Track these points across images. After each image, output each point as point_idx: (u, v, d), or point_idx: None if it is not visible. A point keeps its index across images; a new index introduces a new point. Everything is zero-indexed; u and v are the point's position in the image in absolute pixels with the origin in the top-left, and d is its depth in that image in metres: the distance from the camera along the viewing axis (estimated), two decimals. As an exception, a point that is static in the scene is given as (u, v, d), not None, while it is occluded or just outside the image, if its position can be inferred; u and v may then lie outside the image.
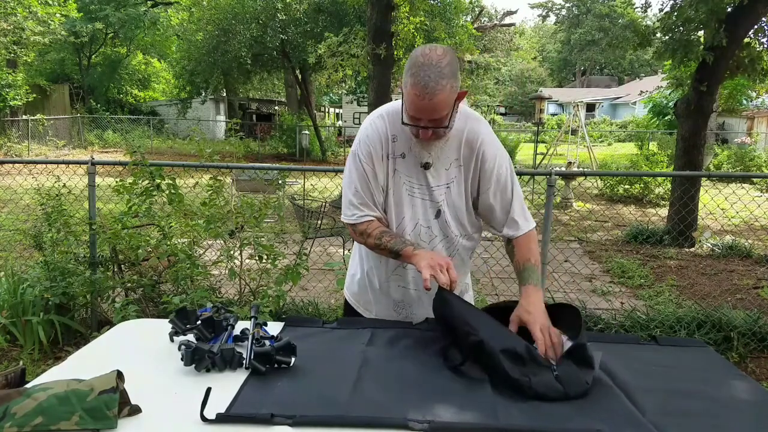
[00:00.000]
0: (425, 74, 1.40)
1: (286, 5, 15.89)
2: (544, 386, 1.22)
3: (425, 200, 1.63)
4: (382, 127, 1.62)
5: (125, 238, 3.39)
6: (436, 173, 1.61)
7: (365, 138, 1.63)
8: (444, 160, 1.61)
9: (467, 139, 1.60)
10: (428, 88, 1.40)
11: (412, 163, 1.61)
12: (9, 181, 5.36)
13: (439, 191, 1.62)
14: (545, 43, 56.61)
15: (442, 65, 1.40)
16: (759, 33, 7.14)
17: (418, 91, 1.41)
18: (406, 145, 1.60)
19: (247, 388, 1.24)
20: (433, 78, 1.39)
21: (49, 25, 16.25)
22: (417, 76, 1.41)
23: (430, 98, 1.41)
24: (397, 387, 1.26)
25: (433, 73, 1.39)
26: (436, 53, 1.42)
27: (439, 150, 1.60)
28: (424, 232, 1.65)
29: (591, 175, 5.27)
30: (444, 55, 1.42)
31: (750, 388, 1.35)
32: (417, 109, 1.45)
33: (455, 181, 1.62)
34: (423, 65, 1.40)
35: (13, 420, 1.02)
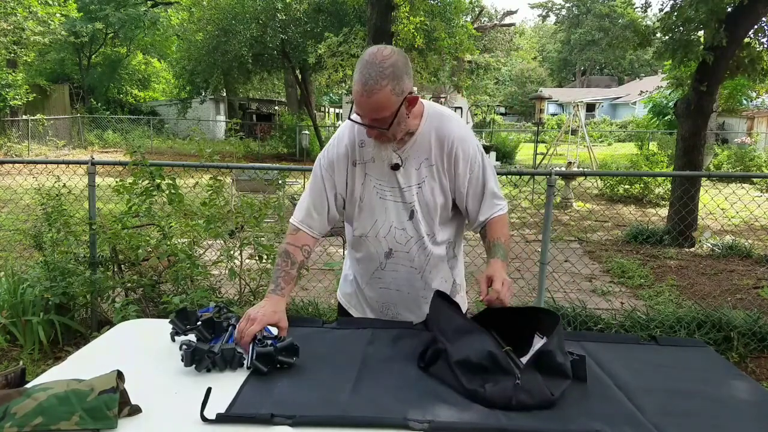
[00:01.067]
0: (367, 72, 1.42)
1: (286, 5, 15.89)
2: (500, 396, 1.18)
3: (397, 202, 1.64)
4: (350, 135, 1.65)
5: (125, 238, 3.39)
6: (405, 173, 1.62)
7: (332, 147, 1.67)
8: (413, 161, 1.62)
9: (437, 138, 1.61)
10: (367, 85, 1.41)
11: (381, 165, 1.62)
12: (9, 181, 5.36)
13: (410, 192, 1.63)
14: (545, 43, 56.60)
15: (385, 65, 1.41)
16: (759, 33, 7.14)
17: (358, 88, 1.43)
18: (374, 149, 1.61)
19: (247, 388, 1.24)
20: (373, 77, 1.41)
21: (49, 25, 16.25)
22: (360, 72, 1.43)
23: (368, 96, 1.42)
24: (397, 387, 1.26)
25: (374, 72, 1.41)
26: (383, 53, 1.44)
27: (408, 150, 1.61)
28: (399, 234, 1.66)
29: (591, 175, 5.27)
30: (389, 56, 1.43)
31: (750, 388, 1.35)
32: (358, 105, 1.48)
33: (426, 180, 1.63)
34: (367, 63, 1.43)
35: (13, 420, 1.02)
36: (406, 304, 1.73)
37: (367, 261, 1.73)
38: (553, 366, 1.25)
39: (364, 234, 1.69)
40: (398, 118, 1.49)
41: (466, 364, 1.25)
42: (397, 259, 1.68)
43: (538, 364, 1.24)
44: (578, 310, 3.97)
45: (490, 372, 1.22)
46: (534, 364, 1.24)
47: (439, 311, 1.47)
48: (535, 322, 1.41)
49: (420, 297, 1.71)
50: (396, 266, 1.69)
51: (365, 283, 1.77)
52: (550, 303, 4.05)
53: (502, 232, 1.65)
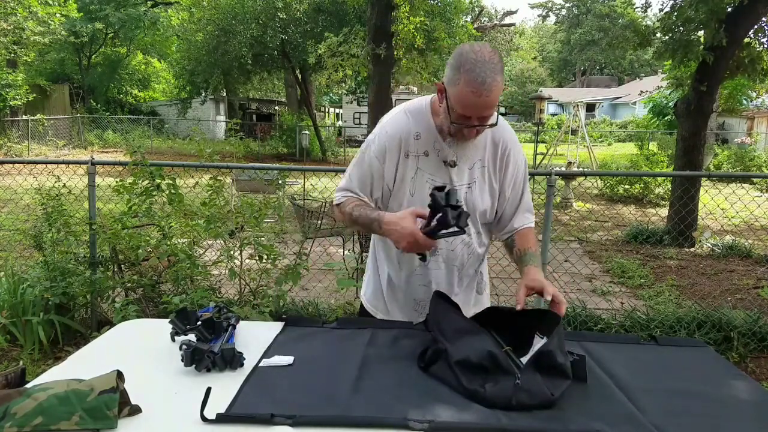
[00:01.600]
0: (481, 70, 1.38)
1: (286, 5, 15.90)
2: (501, 396, 1.18)
3: None
4: (405, 124, 1.60)
5: (125, 238, 3.39)
6: (459, 172, 1.61)
7: (383, 133, 1.61)
8: (467, 160, 1.61)
9: (493, 141, 1.62)
10: (485, 84, 1.38)
11: (435, 161, 1.60)
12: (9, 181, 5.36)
13: (461, 190, 1.62)
14: (545, 43, 56.61)
15: (495, 62, 1.40)
16: (759, 33, 7.14)
17: (474, 88, 1.39)
18: (429, 143, 1.59)
19: (247, 388, 1.24)
20: (490, 74, 1.38)
21: (49, 25, 16.24)
22: (472, 72, 1.38)
23: (487, 94, 1.40)
24: (397, 387, 1.26)
25: (489, 69, 1.39)
26: (487, 50, 1.42)
27: (464, 149, 1.60)
28: None
29: (591, 175, 5.27)
30: (493, 52, 1.43)
31: (750, 388, 1.35)
32: (470, 106, 1.43)
33: (477, 181, 1.63)
34: (477, 62, 1.39)
35: (13, 420, 1.02)
36: None
37: (409, 258, 1.69)
38: (553, 366, 1.25)
39: None
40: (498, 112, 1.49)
41: (466, 364, 1.25)
42: (440, 257, 1.67)
43: (538, 365, 1.24)
44: (578, 310, 3.97)
45: (490, 372, 1.22)
46: (534, 364, 1.24)
47: (439, 311, 1.47)
48: (536, 322, 1.41)
49: (454, 294, 1.70)
50: (439, 263, 1.68)
51: (404, 281, 1.73)
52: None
53: (532, 240, 1.67)
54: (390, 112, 1.68)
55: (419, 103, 1.63)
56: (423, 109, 1.61)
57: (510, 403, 1.17)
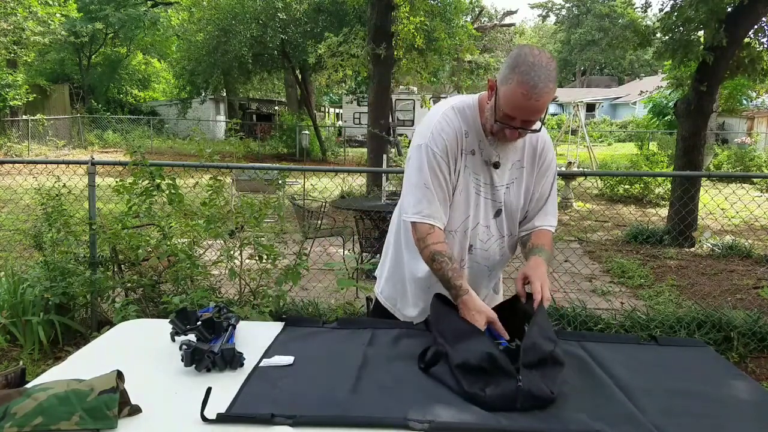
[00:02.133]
0: (536, 74, 1.38)
1: (286, 5, 15.90)
2: (502, 398, 1.18)
3: (488, 199, 1.63)
4: (455, 121, 1.58)
5: (125, 238, 3.39)
6: (500, 172, 1.62)
7: (439, 131, 1.56)
8: (508, 161, 1.62)
9: (531, 142, 1.63)
10: (537, 88, 1.38)
11: (480, 160, 1.60)
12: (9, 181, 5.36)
13: (501, 191, 1.63)
14: (545, 43, 56.54)
15: (551, 68, 1.40)
16: (759, 33, 7.14)
17: (525, 90, 1.39)
18: (475, 141, 1.59)
19: (247, 388, 1.24)
20: (543, 79, 1.38)
21: (49, 25, 16.24)
22: (527, 74, 1.38)
23: (537, 99, 1.40)
24: (397, 387, 1.26)
25: (543, 75, 1.39)
26: (545, 56, 1.42)
27: (505, 149, 1.60)
28: (483, 232, 1.65)
29: (591, 175, 5.27)
30: (551, 59, 1.43)
31: (750, 388, 1.35)
32: (519, 108, 1.43)
33: (515, 181, 1.64)
34: (534, 65, 1.39)
35: (13, 420, 1.02)
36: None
37: None
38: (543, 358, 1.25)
39: (454, 229, 1.63)
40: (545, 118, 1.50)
41: (466, 367, 1.24)
42: (475, 256, 1.67)
43: (530, 361, 1.24)
44: (578, 310, 3.97)
45: (490, 374, 1.22)
46: (526, 361, 1.23)
47: (440, 313, 1.46)
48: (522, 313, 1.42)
49: (481, 292, 1.70)
50: (473, 263, 1.68)
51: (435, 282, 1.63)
52: (550, 303, 4.04)
53: (548, 242, 1.66)
54: (435, 110, 1.64)
55: (467, 100, 1.62)
56: (471, 106, 1.60)
57: (514, 406, 1.17)
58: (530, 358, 1.24)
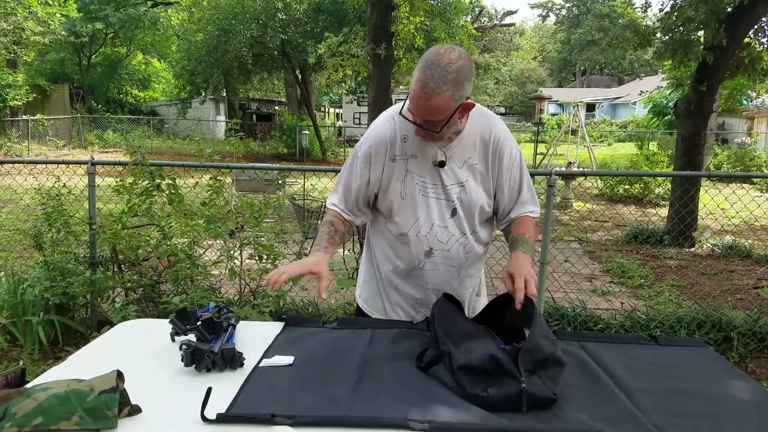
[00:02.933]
0: (430, 73, 1.37)
1: (286, 5, 15.89)
2: (505, 399, 1.17)
3: (440, 200, 1.62)
4: (391, 128, 1.60)
5: (125, 238, 3.39)
6: (450, 171, 1.60)
7: (369, 139, 1.62)
8: (457, 159, 1.60)
9: (483, 138, 1.60)
10: (427, 87, 1.38)
11: (424, 162, 1.59)
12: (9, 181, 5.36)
13: (453, 189, 1.61)
14: (545, 43, 56.60)
15: (450, 70, 1.37)
16: (759, 33, 7.14)
17: (417, 87, 1.40)
18: (418, 144, 1.58)
19: (247, 388, 1.24)
20: (436, 80, 1.37)
21: (49, 25, 16.25)
22: (423, 71, 1.39)
23: (427, 98, 1.39)
24: (397, 387, 1.26)
25: (437, 75, 1.37)
26: (450, 56, 1.38)
27: (453, 148, 1.59)
28: (441, 232, 1.64)
29: (591, 175, 5.26)
30: (456, 60, 1.38)
31: (750, 388, 1.35)
32: (414, 105, 1.44)
33: (469, 179, 1.62)
34: (432, 64, 1.38)
35: (13, 420, 1.02)
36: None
37: (405, 259, 1.69)
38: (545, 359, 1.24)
39: (405, 232, 1.65)
40: (450, 122, 1.46)
41: (468, 368, 1.24)
42: (437, 258, 1.66)
43: (531, 362, 1.23)
44: (578, 310, 3.97)
45: (493, 376, 1.21)
46: (527, 363, 1.23)
47: (444, 313, 1.46)
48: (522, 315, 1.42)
49: (456, 295, 1.68)
50: (435, 265, 1.67)
51: (400, 281, 1.72)
52: (550, 303, 4.05)
53: (529, 229, 1.63)
54: (381, 115, 1.68)
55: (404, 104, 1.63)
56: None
57: (518, 408, 1.16)
58: (532, 359, 1.23)
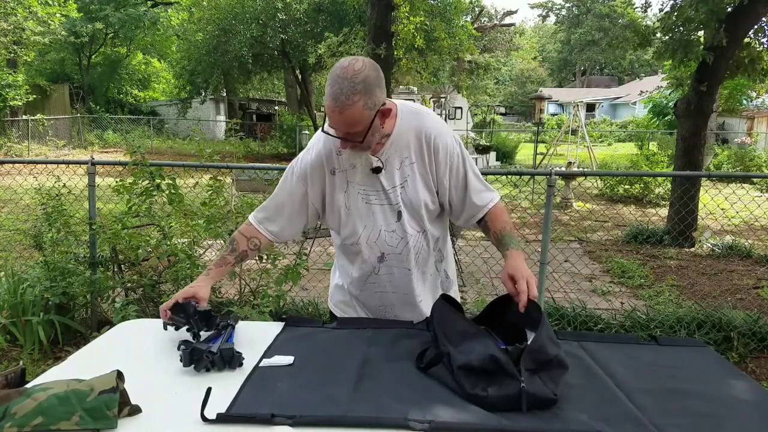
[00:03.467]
0: (338, 87, 1.39)
1: (286, 5, 15.90)
2: (505, 399, 1.18)
3: (383, 205, 1.63)
4: (325, 144, 1.61)
5: (125, 238, 3.39)
6: (388, 175, 1.60)
7: (305, 156, 1.65)
8: (394, 161, 1.60)
9: (415, 135, 1.59)
10: (338, 101, 1.39)
11: (362, 171, 1.60)
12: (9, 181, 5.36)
13: (395, 192, 1.61)
14: (545, 43, 56.59)
15: (356, 81, 1.38)
16: (759, 33, 7.14)
17: (330, 103, 1.41)
18: (352, 155, 1.58)
19: (247, 388, 1.24)
20: (345, 92, 1.38)
21: (49, 25, 16.25)
22: (331, 87, 1.40)
23: (341, 112, 1.40)
24: (397, 387, 1.26)
25: (345, 87, 1.38)
26: (353, 67, 1.40)
27: (387, 152, 1.59)
28: (390, 237, 1.65)
29: (591, 175, 5.27)
30: (360, 70, 1.40)
31: (750, 388, 1.35)
32: (331, 119, 1.45)
33: (408, 178, 1.61)
34: (338, 78, 1.39)
35: (13, 420, 1.02)
36: (403, 305, 1.72)
37: (359, 268, 1.70)
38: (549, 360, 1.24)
39: (354, 242, 1.67)
40: (372, 130, 1.47)
41: (468, 368, 1.24)
42: (390, 262, 1.67)
43: (534, 363, 1.23)
44: (578, 310, 3.97)
45: (493, 376, 1.21)
46: (530, 364, 1.23)
47: (443, 314, 1.46)
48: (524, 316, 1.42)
49: (416, 295, 1.70)
50: (390, 269, 1.68)
51: (359, 290, 1.75)
52: (550, 303, 4.05)
53: (505, 220, 1.63)
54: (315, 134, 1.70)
55: None
56: None
57: (518, 408, 1.16)
58: (535, 359, 1.23)
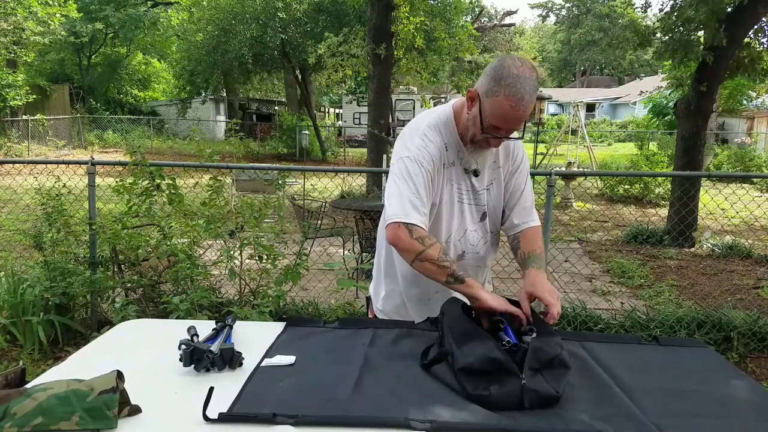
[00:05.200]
0: (522, 87, 1.43)
1: (286, 5, 15.89)
2: (507, 396, 1.18)
3: (472, 204, 1.68)
4: (438, 138, 1.62)
5: (125, 238, 3.39)
6: (480, 176, 1.67)
7: (423, 146, 1.58)
8: (485, 164, 1.67)
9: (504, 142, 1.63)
10: (524, 100, 1.44)
11: (459, 170, 1.65)
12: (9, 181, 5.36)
13: (483, 194, 1.68)
14: (545, 43, 56.60)
15: (534, 79, 1.46)
16: (759, 33, 7.14)
17: (513, 103, 1.44)
18: (454, 153, 1.63)
19: (249, 387, 1.24)
20: (529, 91, 1.44)
21: (49, 25, 16.23)
22: (514, 87, 1.43)
23: (524, 110, 1.46)
24: (398, 387, 1.26)
25: (528, 86, 1.44)
26: (528, 66, 1.47)
27: (482, 154, 1.65)
28: (472, 236, 1.69)
29: (591, 175, 5.27)
30: (533, 69, 1.48)
31: (750, 388, 1.35)
32: (506, 119, 1.48)
33: (494, 182, 1.69)
34: (519, 78, 1.43)
35: (13, 420, 1.02)
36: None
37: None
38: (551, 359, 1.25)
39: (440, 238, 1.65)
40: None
41: (469, 370, 1.24)
42: (467, 261, 1.71)
43: (536, 361, 1.24)
44: (578, 310, 3.97)
45: (494, 375, 1.22)
46: (532, 362, 1.23)
47: (451, 313, 1.45)
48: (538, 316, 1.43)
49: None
50: (465, 268, 1.67)
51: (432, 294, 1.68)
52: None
53: (537, 244, 1.68)
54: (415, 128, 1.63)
55: (442, 116, 1.64)
56: (447, 121, 1.64)
57: (522, 405, 1.17)
58: (539, 358, 1.24)
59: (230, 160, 9.75)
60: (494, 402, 1.18)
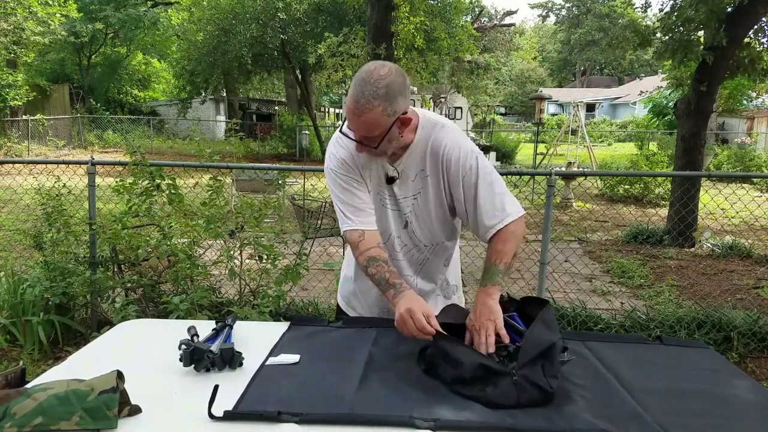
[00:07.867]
0: (360, 90, 1.39)
1: (286, 5, 15.89)
2: (502, 395, 1.19)
3: (395, 210, 1.65)
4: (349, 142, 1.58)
5: (125, 238, 3.38)
6: (402, 185, 1.62)
7: (333, 153, 1.62)
8: (410, 172, 1.60)
9: (432, 149, 1.58)
10: (359, 104, 1.39)
11: (378, 175, 1.62)
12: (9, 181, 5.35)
13: (406, 202, 1.63)
14: (545, 43, 56.59)
15: (380, 86, 1.38)
16: (759, 33, 7.14)
17: (350, 105, 1.42)
18: (369, 159, 1.59)
19: (254, 386, 1.25)
20: (366, 96, 1.38)
21: (49, 25, 16.22)
22: (354, 89, 1.41)
23: (359, 115, 1.40)
24: (402, 385, 1.26)
25: (367, 91, 1.38)
26: (379, 72, 1.40)
27: (404, 162, 1.59)
28: (396, 242, 1.68)
29: (591, 175, 5.26)
30: (386, 76, 1.39)
31: (751, 388, 1.36)
32: (349, 121, 1.46)
33: (422, 191, 1.62)
34: (362, 81, 1.40)
35: (13, 420, 1.02)
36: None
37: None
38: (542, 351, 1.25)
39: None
40: (388, 137, 1.46)
41: (461, 380, 1.25)
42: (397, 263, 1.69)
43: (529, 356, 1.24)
44: (578, 310, 3.97)
45: (486, 378, 1.23)
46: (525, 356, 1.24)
47: None
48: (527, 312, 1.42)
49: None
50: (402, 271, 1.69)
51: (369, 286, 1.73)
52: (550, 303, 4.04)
53: (501, 250, 1.51)
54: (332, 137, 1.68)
55: None
56: None
57: (519, 402, 1.18)
58: (530, 352, 1.25)
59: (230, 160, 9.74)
60: (491, 401, 1.19)
